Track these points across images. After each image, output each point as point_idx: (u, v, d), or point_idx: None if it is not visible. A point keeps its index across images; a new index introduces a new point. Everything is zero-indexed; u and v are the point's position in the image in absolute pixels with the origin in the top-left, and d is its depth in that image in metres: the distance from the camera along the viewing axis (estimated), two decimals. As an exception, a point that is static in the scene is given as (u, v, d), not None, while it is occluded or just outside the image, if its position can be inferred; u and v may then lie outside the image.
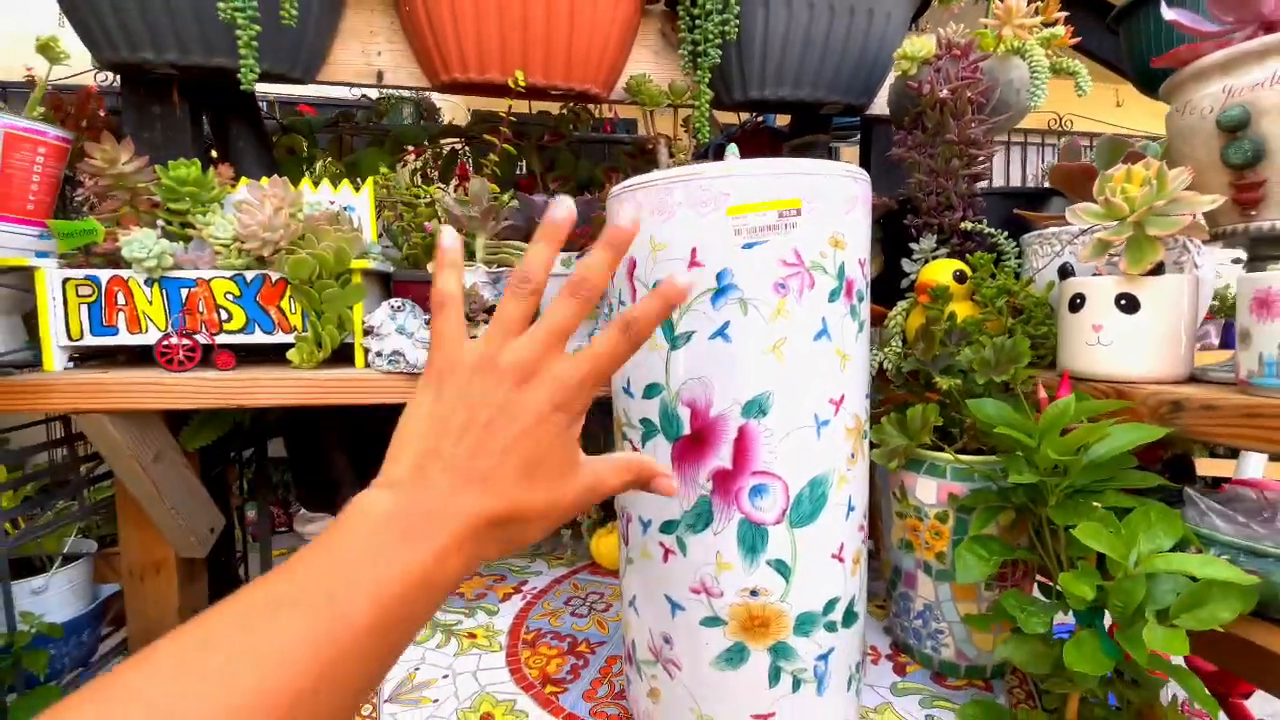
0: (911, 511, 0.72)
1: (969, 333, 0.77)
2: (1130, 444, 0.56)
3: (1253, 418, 0.52)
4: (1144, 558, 0.50)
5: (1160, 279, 0.64)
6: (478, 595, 0.97)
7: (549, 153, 1.42)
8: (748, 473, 0.52)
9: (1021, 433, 0.59)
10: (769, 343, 0.50)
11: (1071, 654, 0.50)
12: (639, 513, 0.58)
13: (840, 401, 0.53)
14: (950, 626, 0.71)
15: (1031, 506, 0.61)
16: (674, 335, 0.52)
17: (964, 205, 0.95)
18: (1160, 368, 0.64)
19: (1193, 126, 0.64)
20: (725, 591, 0.53)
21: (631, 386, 0.57)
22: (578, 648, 0.81)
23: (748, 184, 0.49)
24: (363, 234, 0.94)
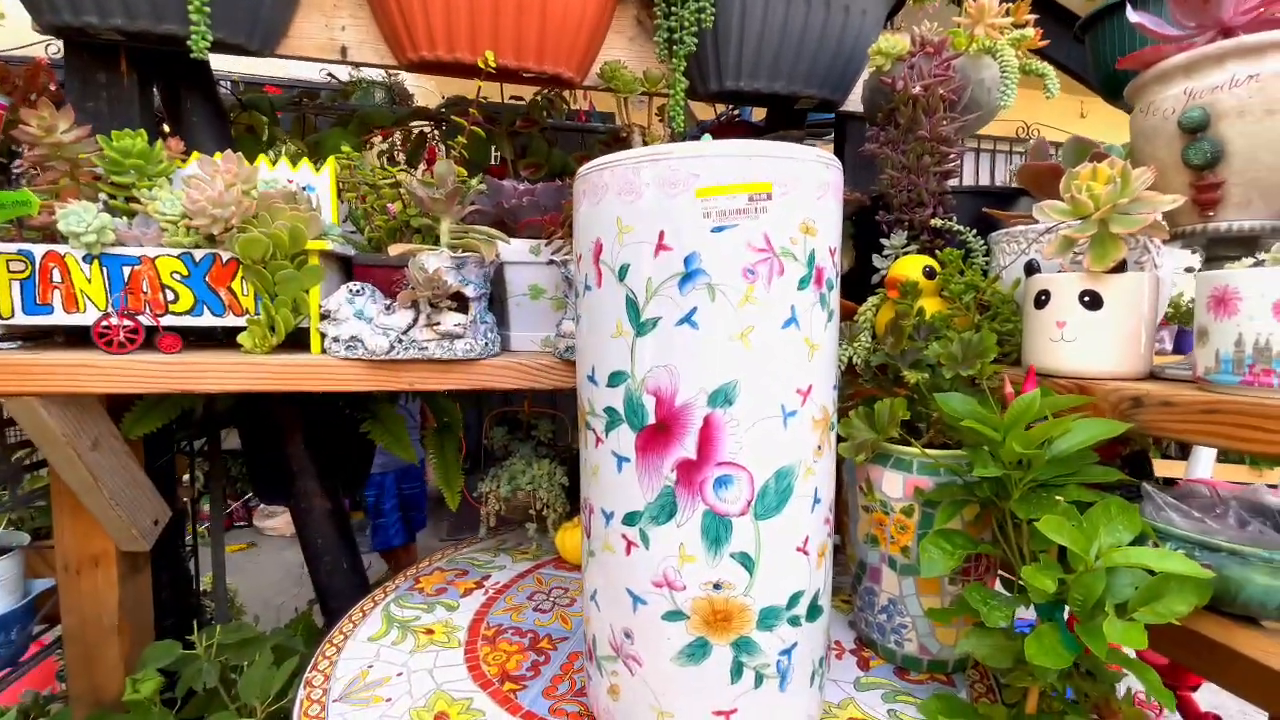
0: (877, 506, 0.72)
1: (937, 328, 0.78)
2: (1092, 439, 0.56)
3: (1210, 414, 0.53)
4: (1104, 551, 0.51)
5: (1122, 276, 0.64)
6: (438, 590, 0.94)
7: (521, 139, 1.39)
8: (712, 463, 0.51)
9: (987, 427, 0.58)
10: (737, 330, 0.49)
11: (1033, 647, 0.50)
12: (601, 504, 0.57)
13: (807, 392, 0.53)
14: (914, 621, 0.71)
15: (995, 500, 0.61)
16: (640, 321, 0.51)
17: (934, 202, 0.95)
18: (1121, 364, 0.65)
19: (1155, 127, 0.65)
20: (688, 585, 0.52)
21: (596, 374, 0.55)
22: (539, 644, 0.80)
23: (719, 165, 0.47)
24: (321, 214, 0.91)
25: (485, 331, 0.87)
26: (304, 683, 0.72)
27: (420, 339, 0.83)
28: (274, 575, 3.26)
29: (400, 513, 2.36)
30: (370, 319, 0.84)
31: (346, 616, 0.88)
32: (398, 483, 2.34)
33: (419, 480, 2.44)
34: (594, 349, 0.55)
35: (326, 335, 0.85)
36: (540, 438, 1.15)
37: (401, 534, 2.35)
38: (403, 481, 2.36)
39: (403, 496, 2.37)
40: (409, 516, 2.40)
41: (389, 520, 2.32)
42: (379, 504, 2.31)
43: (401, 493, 2.36)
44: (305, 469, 1.14)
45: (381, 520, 2.32)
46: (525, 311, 0.97)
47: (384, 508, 2.31)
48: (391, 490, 2.32)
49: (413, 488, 2.41)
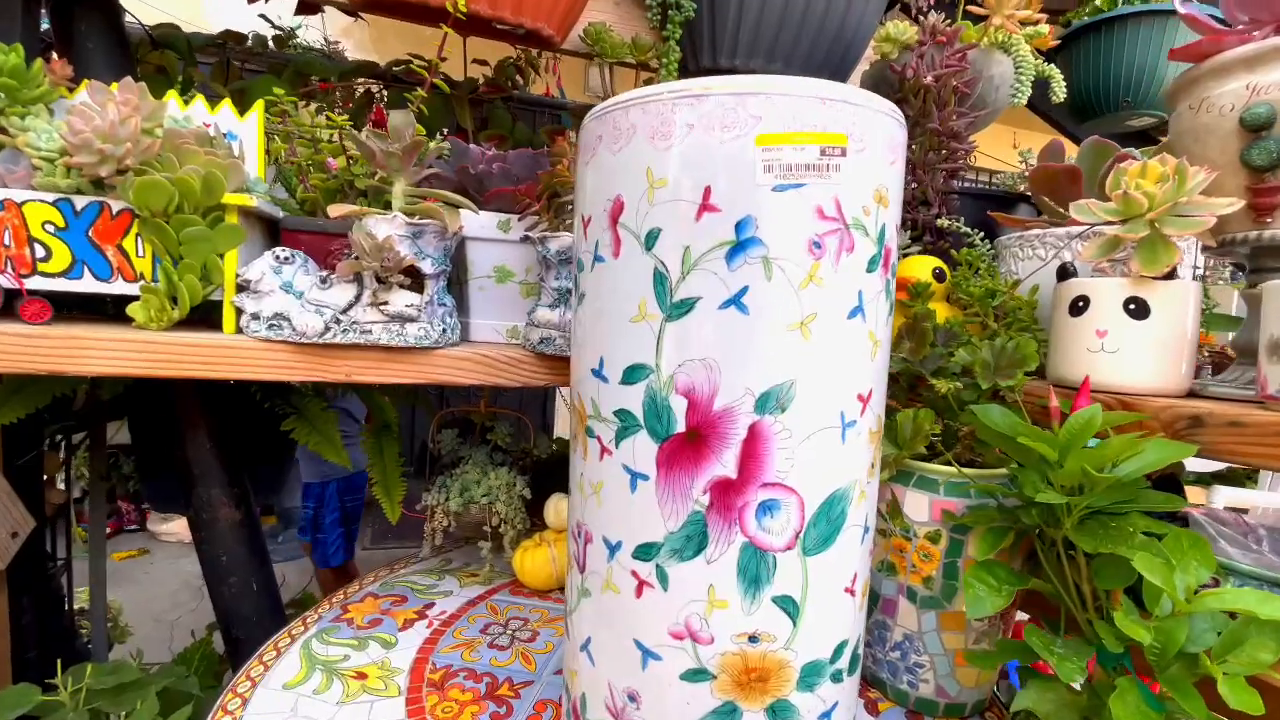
0: (898, 530, 0.64)
1: (957, 333, 0.71)
2: (1162, 461, 0.50)
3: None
4: (1191, 593, 0.44)
5: (1172, 284, 0.59)
6: (370, 622, 0.79)
7: (482, 109, 1.25)
8: (756, 484, 0.40)
9: (1043, 444, 0.51)
10: (797, 317, 0.39)
11: (1119, 708, 0.42)
12: (604, 532, 0.45)
13: (868, 398, 0.43)
14: (933, 660, 0.64)
15: (1045, 528, 0.54)
16: (672, 302, 0.40)
17: (940, 201, 0.90)
18: (1166, 379, 0.59)
19: (1208, 125, 0.60)
20: (716, 637, 0.42)
21: (606, 368, 0.44)
22: (498, 690, 0.67)
23: (787, 106, 0.37)
24: (245, 164, 0.75)
25: (444, 316, 0.74)
26: (196, 748, 0.57)
27: (363, 320, 0.69)
28: (169, 586, 2.92)
29: (343, 527, 2.09)
30: (301, 293, 0.69)
31: (256, 657, 0.72)
32: (340, 494, 2.07)
33: (363, 491, 2.18)
34: (602, 336, 0.44)
35: (244, 311, 0.69)
36: (497, 442, 1.01)
37: (343, 551, 2.08)
38: (345, 493, 2.09)
39: (345, 510, 2.09)
40: (351, 531, 2.14)
41: (329, 536, 2.05)
42: (319, 518, 2.03)
43: (344, 506, 2.08)
44: (209, 473, 0.96)
45: (321, 535, 2.04)
46: (489, 297, 0.84)
47: (324, 522, 2.04)
48: (333, 503, 2.05)
49: (355, 500, 2.13)
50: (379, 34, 2.81)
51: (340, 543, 2.08)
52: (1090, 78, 1.27)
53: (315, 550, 2.07)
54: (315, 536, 2.06)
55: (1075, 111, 1.36)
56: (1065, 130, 1.60)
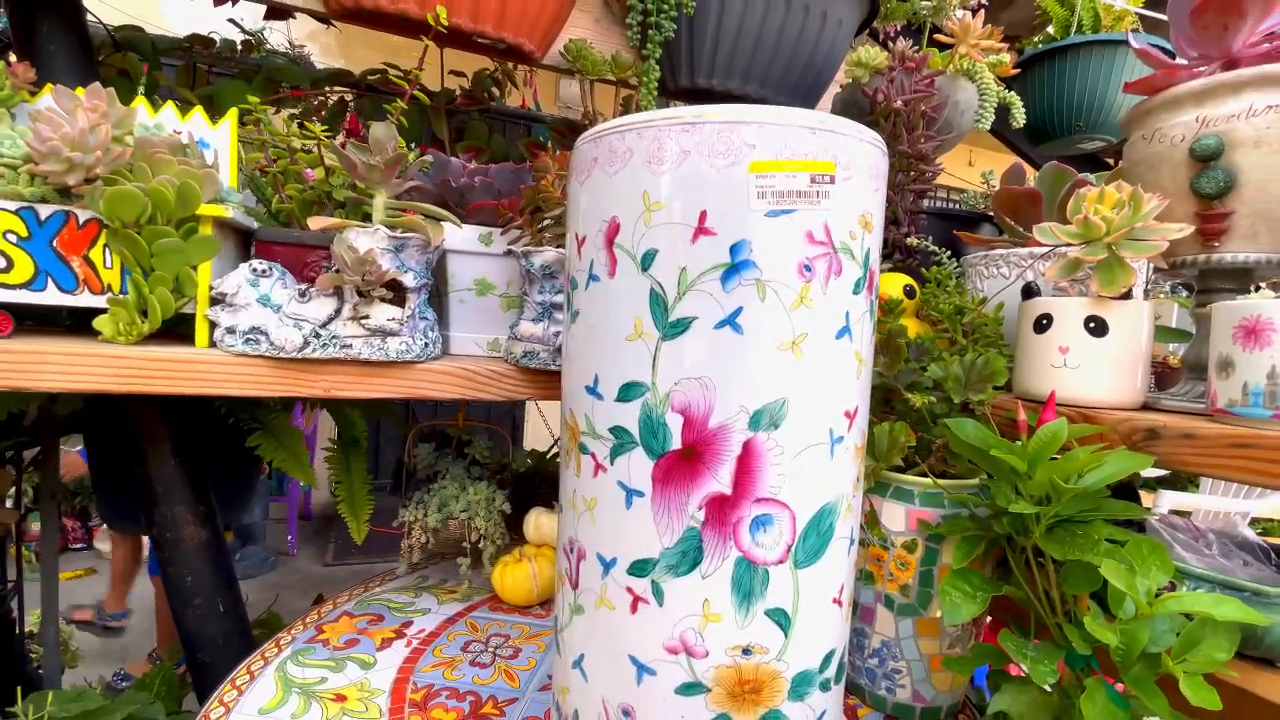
0: (876, 540, 0.66)
1: (929, 348, 0.73)
2: (1124, 472, 0.53)
3: (1241, 448, 0.50)
4: (1153, 597, 0.46)
5: (1127, 303, 0.62)
6: (347, 643, 0.77)
7: (458, 120, 1.25)
8: (750, 499, 0.41)
9: (1014, 456, 0.54)
10: (788, 337, 0.41)
11: (1090, 709, 0.44)
12: (598, 549, 0.46)
13: (854, 415, 0.45)
14: (909, 665, 0.65)
15: (1015, 536, 0.56)
16: (668, 321, 0.41)
17: (909, 221, 0.93)
18: (1122, 394, 0.63)
19: (1160, 154, 0.65)
20: (711, 650, 0.42)
21: (601, 385, 0.44)
22: (482, 709, 0.66)
23: (779, 136, 0.39)
24: (219, 174, 0.73)
25: (425, 329, 0.73)
26: (166, 779, 0.55)
27: (344, 334, 0.68)
28: (120, 608, 2.79)
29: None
30: (279, 307, 0.68)
31: (228, 681, 0.70)
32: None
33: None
34: (597, 353, 0.45)
35: (218, 324, 0.67)
36: (475, 456, 1.00)
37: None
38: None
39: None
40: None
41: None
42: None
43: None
44: (173, 490, 0.93)
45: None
46: (469, 310, 0.84)
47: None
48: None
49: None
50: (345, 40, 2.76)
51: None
52: (1045, 103, 1.33)
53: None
54: None
55: (1030, 134, 1.43)
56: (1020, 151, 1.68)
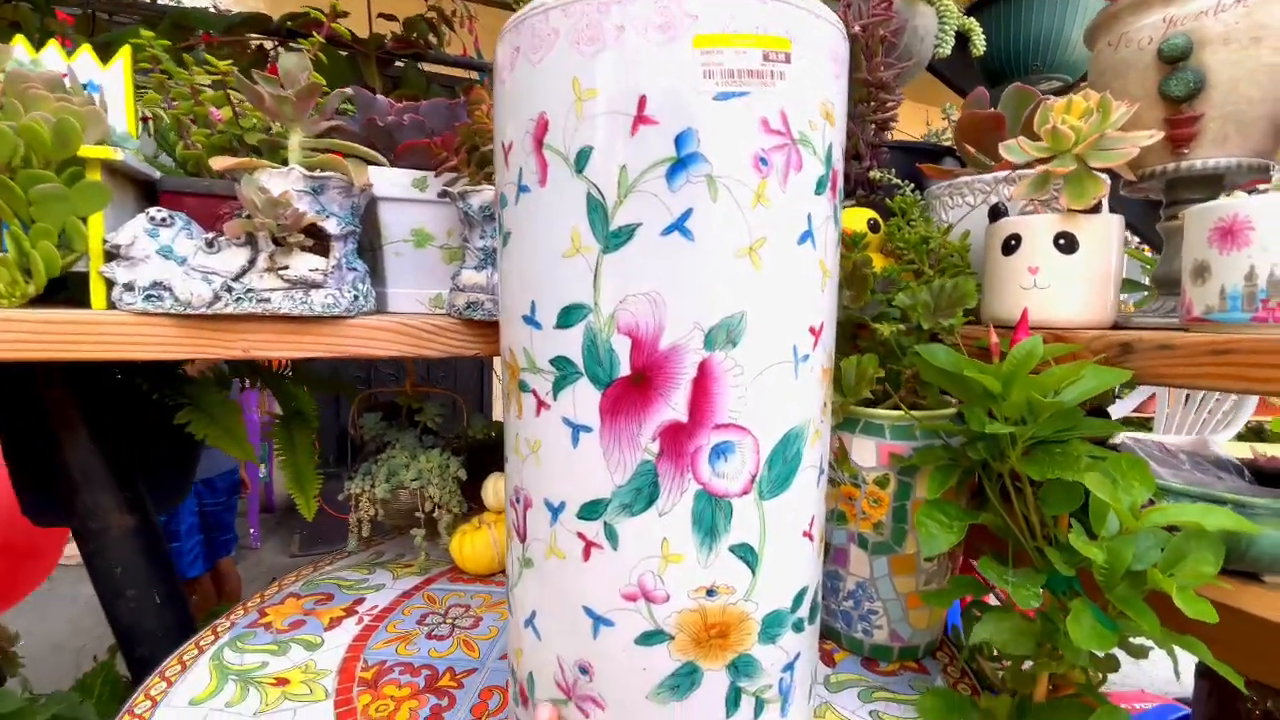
0: (847, 478, 0.63)
1: (895, 280, 0.70)
2: (1101, 386, 0.50)
3: (1220, 355, 0.48)
4: (1138, 511, 0.44)
5: (1096, 217, 0.60)
6: (292, 624, 0.72)
7: (394, 71, 1.16)
8: (709, 426, 0.37)
9: (988, 377, 0.51)
10: (745, 242, 0.36)
11: (1075, 629, 0.42)
12: (545, 494, 0.41)
13: (819, 332, 0.41)
14: (885, 605, 0.63)
15: (991, 462, 0.54)
16: (609, 230, 0.36)
17: (871, 154, 0.89)
18: (1093, 312, 0.60)
19: (1127, 60, 0.61)
20: (673, 594, 0.38)
21: (538, 312, 0.39)
22: (439, 682, 0.62)
23: (724, 5, 0.34)
24: (107, 115, 0.65)
25: (354, 281, 0.67)
26: (83, 782, 0.49)
27: (260, 288, 0.61)
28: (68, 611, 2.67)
29: (201, 534, 1.94)
30: (183, 259, 0.61)
31: (157, 673, 0.64)
32: (198, 498, 1.92)
33: (225, 495, 2.01)
34: (533, 277, 0.40)
35: (116, 282, 0.60)
36: (427, 424, 0.95)
37: (201, 561, 1.93)
38: (205, 496, 1.94)
39: (204, 515, 1.94)
40: (212, 539, 1.98)
41: (185, 545, 1.89)
42: (170, 525, 1.87)
43: (203, 510, 1.93)
44: (93, 477, 0.85)
45: (176, 545, 1.88)
46: (407, 264, 0.77)
47: (179, 530, 1.88)
48: (189, 507, 1.90)
49: (216, 504, 1.97)
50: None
51: (199, 550, 1.93)
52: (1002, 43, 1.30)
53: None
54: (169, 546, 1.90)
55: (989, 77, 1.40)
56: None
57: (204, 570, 1.98)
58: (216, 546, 2.02)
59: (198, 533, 1.94)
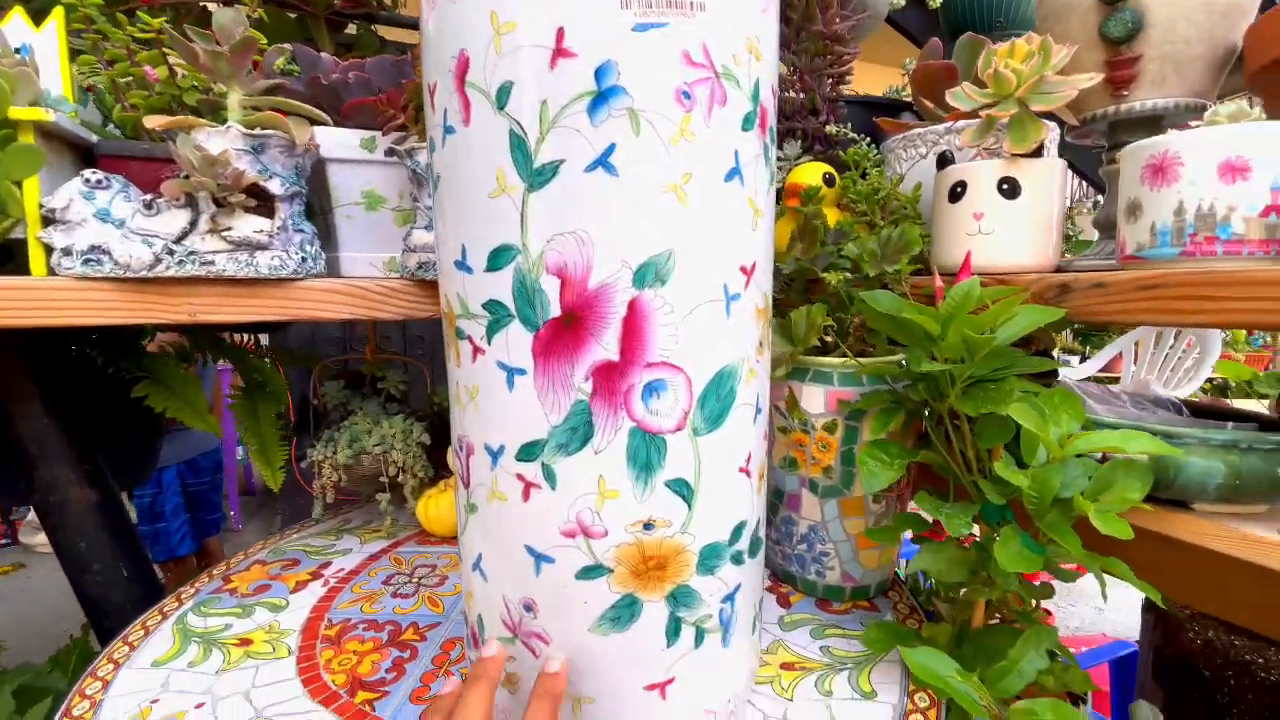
0: (797, 425, 0.64)
1: (847, 232, 0.71)
2: (1035, 324, 0.51)
3: (1149, 289, 0.49)
4: (1065, 439, 0.46)
5: (1040, 161, 0.60)
6: (257, 589, 0.72)
7: (345, 36, 1.13)
8: (640, 365, 0.38)
9: (927, 318, 0.52)
10: (670, 178, 0.36)
11: (1003, 553, 0.44)
12: (485, 439, 0.42)
13: (751, 271, 0.41)
14: (836, 547, 0.65)
15: (932, 402, 0.55)
16: (533, 168, 0.36)
17: (828, 109, 0.89)
18: (1037, 256, 0.61)
19: (1069, 3, 0.61)
20: (610, 529, 0.39)
21: (469, 256, 0.39)
22: (402, 636, 0.63)
23: (639, -68, 0.33)
24: (39, 77, 0.63)
25: (302, 243, 0.66)
26: (44, 741, 0.50)
27: (203, 249, 0.60)
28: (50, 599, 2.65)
29: (188, 514, 1.93)
30: (121, 222, 0.60)
31: (120, 638, 0.64)
32: (180, 478, 1.91)
33: (209, 474, 2.00)
34: (461, 220, 0.39)
35: (54, 247, 0.59)
36: (390, 391, 0.94)
37: (190, 540, 1.94)
38: (188, 476, 1.93)
39: (188, 495, 1.93)
40: (198, 519, 1.98)
41: (171, 525, 1.89)
42: (155, 505, 1.87)
43: (186, 490, 1.93)
44: (50, 450, 0.84)
45: (162, 525, 1.88)
46: (359, 227, 0.76)
47: (164, 509, 1.88)
48: (173, 487, 1.89)
49: (200, 484, 1.96)
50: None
51: (187, 530, 1.94)
52: None
53: (156, 542, 1.90)
54: (155, 526, 1.90)
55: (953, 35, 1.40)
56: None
57: (193, 549, 1.98)
58: (204, 526, 2.02)
59: (184, 512, 1.94)
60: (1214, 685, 0.71)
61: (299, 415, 0.92)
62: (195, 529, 1.97)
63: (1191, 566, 0.52)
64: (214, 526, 2.07)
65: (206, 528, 2.03)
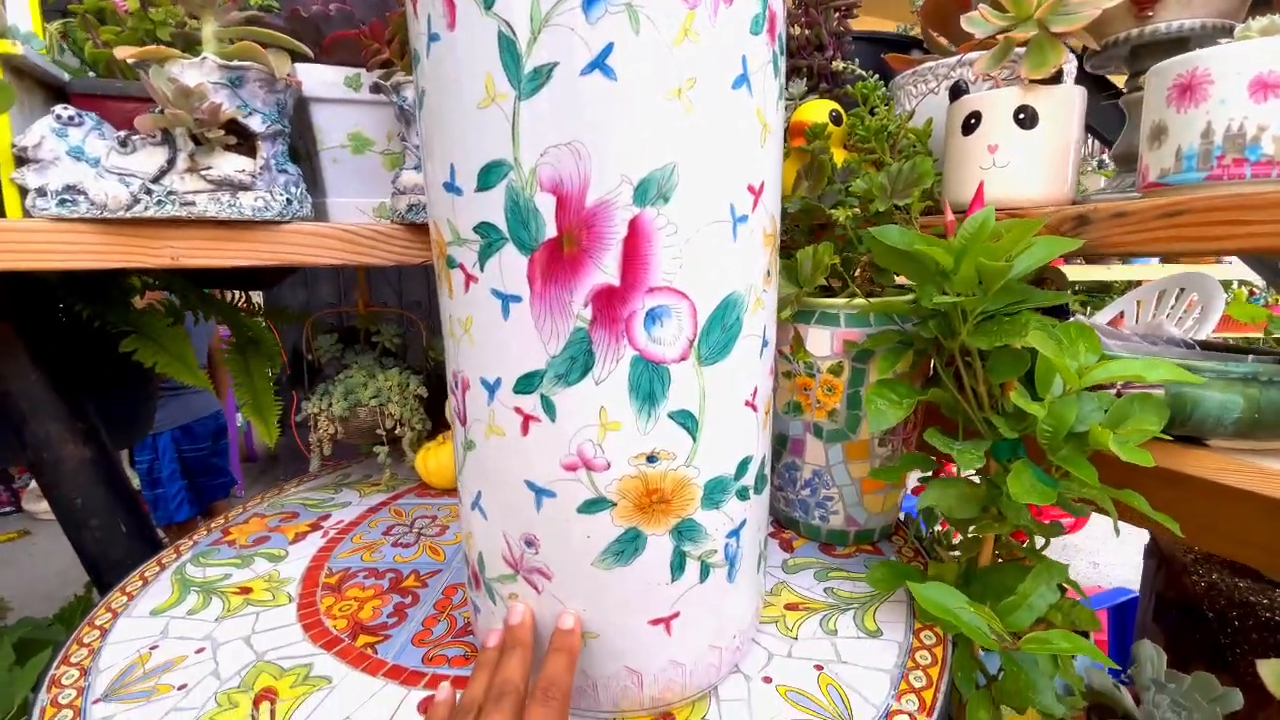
0: (802, 369, 0.63)
1: (856, 169, 0.68)
2: (1051, 255, 0.49)
3: (1174, 216, 0.47)
4: (1084, 370, 0.44)
5: (1059, 88, 0.58)
6: (255, 541, 0.72)
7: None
8: (642, 290, 0.36)
9: (939, 250, 0.49)
10: (673, 83, 0.34)
11: (1015, 485, 0.42)
12: (481, 373, 0.40)
13: (760, 192, 0.39)
14: (840, 491, 0.64)
15: (942, 339, 0.53)
16: (523, 72, 0.33)
17: (834, 45, 0.85)
18: (1053, 190, 0.59)
19: (1093, -84, 0.58)
20: (613, 462, 0.38)
21: (458, 177, 0.37)
22: (403, 583, 0.62)
23: None
24: (5, 9, 0.59)
25: (287, 184, 0.63)
26: (48, 683, 0.49)
27: (183, 189, 0.58)
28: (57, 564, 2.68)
29: (184, 479, 1.94)
30: (96, 160, 0.57)
31: (118, 588, 0.64)
32: (176, 444, 1.91)
33: (207, 440, 1.99)
34: (449, 136, 0.37)
35: (28, 188, 0.56)
36: (385, 344, 0.92)
37: (188, 506, 1.95)
38: (183, 442, 1.93)
39: (184, 461, 1.93)
40: (198, 485, 1.98)
41: (169, 490, 1.90)
42: (153, 471, 1.88)
43: (183, 456, 1.93)
44: (41, 406, 0.82)
45: (160, 491, 1.90)
46: (346, 170, 0.74)
47: (161, 476, 1.89)
48: (169, 453, 1.89)
49: (198, 450, 1.96)
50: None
51: (184, 495, 1.95)
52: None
53: (156, 507, 1.92)
54: (155, 492, 1.91)
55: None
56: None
57: (191, 515, 1.99)
58: (206, 492, 2.02)
59: (181, 478, 1.94)
60: (1218, 626, 0.71)
61: (293, 371, 0.90)
62: (195, 495, 1.98)
63: (1205, 505, 0.51)
64: (220, 492, 2.07)
65: (210, 493, 2.03)
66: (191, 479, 1.97)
